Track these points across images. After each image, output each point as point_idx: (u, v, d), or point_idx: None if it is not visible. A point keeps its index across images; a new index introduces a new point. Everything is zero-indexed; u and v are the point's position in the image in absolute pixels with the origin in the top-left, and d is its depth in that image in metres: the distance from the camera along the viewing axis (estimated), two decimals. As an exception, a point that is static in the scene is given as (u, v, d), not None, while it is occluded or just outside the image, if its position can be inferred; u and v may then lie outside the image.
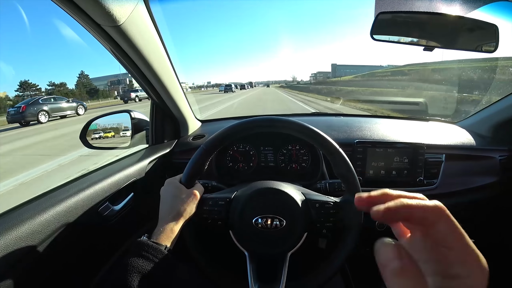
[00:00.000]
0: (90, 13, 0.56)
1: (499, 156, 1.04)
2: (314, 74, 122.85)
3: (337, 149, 0.60)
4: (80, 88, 67.77)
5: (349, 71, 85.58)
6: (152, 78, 0.84)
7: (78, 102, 15.11)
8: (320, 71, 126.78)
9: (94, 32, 0.63)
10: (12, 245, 0.49)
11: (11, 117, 12.08)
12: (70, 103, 14.25)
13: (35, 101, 12.51)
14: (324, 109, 11.50)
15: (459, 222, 0.24)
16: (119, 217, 0.76)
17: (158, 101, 0.96)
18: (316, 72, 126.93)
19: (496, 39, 0.78)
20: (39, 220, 0.54)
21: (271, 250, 0.60)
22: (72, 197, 0.62)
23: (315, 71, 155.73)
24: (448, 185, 0.99)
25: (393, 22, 0.76)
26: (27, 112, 11.74)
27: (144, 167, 0.87)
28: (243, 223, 0.59)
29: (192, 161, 0.61)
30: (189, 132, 1.15)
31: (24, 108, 11.74)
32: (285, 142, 1.00)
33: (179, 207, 0.56)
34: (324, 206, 0.61)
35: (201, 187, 0.63)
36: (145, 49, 0.72)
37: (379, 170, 0.96)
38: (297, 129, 0.61)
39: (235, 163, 1.01)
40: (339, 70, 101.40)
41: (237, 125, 0.61)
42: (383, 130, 1.07)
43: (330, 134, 1.02)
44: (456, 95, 8.10)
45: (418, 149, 0.95)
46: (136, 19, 0.64)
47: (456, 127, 1.21)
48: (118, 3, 0.55)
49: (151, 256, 0.47)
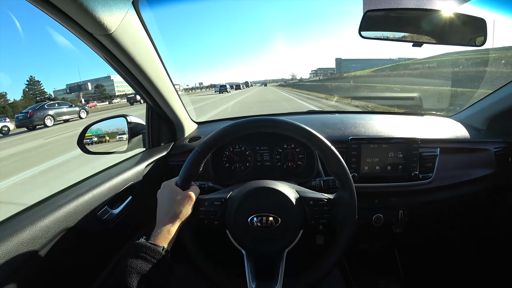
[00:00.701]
0: (81, 23, 0.57)
1: (494, 148, 1.05)
2: (315, 71, 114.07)
3: (328, 146, 0.61)
4: (28, 98, 53.15)
5: (355, 65, 79.74)
6: (146, 83, 0.85)
7: (80, 107, 16.12)
8: (320, 68, 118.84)
9: (87, 41, 0.64)
10: (14, 251, 0.50)
11: (20, 122, 12.75)
12: (72, 107, 15.26)
13: (41, 106, 13.32)
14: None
15: (455, 215, 0.25)
16: (118, 220, 0.77)
17: (153, 105, 0.97)
18: (317, 68, 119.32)
19: (485, 33, 0.79)
20: (39, 226, 0.55)
21: (268, 248, 0.62)
22: (71, 202, 0.64)
23: (315, 68, 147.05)
24: (443, 178, 0.99)
25: (382, 19, 0.77)
26: (35, 116, 12.46)
27: (142, 171, 0.89)
28: (239, 222, 0.61)
29: (187, 163, 0.62)
30: (186, 135, 1.16)
31: (31, 113, 12.44)
32: (280, 141, 1.01)
33: (175, 209, 0.57)
34: (318, 203, 0.62)
35: (197, 188, 0.64)
36: (137, 55, 0.73)
37: (374, 166, 0.97)
38: (288, 128, 0.62)
39: (232, 164, 1.02)
40: (345, 65, 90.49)
41: (228, 127, 0.62)
42: (377, 126, 1.07)
43: (325, 132, 1.03)
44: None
45: (412, 144, 0.95)
46: (127, 26, 0.65)
47: (451, 120, 1.21)
48: (108, 12, 0.56)
49: (149, 257, 0.49)
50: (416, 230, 1.15)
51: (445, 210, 1.12)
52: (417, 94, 4.11)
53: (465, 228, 1.22)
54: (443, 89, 8.51)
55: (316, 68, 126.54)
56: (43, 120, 12.62)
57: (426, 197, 1.03)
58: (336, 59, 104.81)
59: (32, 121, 12.38)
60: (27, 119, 12.35)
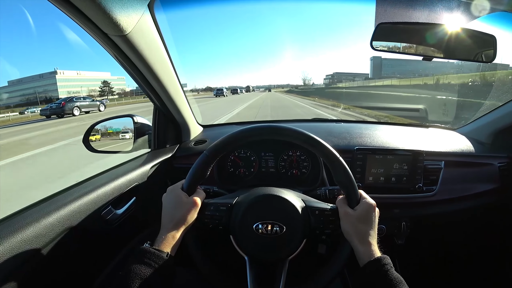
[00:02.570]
0: (98, 23, 0.57)
1: (498, 163, 1.04)
2: (331, 75, 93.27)
3: (337, 157, 0.61)
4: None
5: (396, 69, 61.28)
6: (155, 84, 0.86)
7: (99, 102, 19.42)
8: (337, 72, 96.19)
9: (101, 41, 0.64)
10: (18, 247, 0.50)
11: (51, 110, 16.07)
12: (94, 102, 18.56)
13: (71, 99, 16.81)
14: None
15: (457, 229, 0.25)
16: (121, 220, 0.77)
17: (160, 106, 0.98)
18: (333, 73, 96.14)
19: (495, 49, 0.79)
20: (43, 224, 0.55)
21: (271, 255, 0.61)
22: (75, 201, 0.63)
23: (330, 72, 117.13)
24: (447, 191, 0.99)
25: (393, 32, 0.77)
26: (66, 107, 15.82)
27: (147, 172, 0.88)
28: (243, 229, 0.60)
29: (195, 167, 0.62)
30: (191, 137, 1.16)
31: (63, 104, 15.98)
32: (285, 148, 1.01)
33: (180, 215, 0.57)
34: (324, 213, 0.62)
35: (203, 193, 0.64)
36: (150, 57, 0.74)
37: (378, 177, 0.97)
38: (297, 137, 0.62)
39: (236, 169, 1.02)
40: (387, 67, 67.68)
41: (238, 133, 0.62)
42: (383, 136, 1.07)
43: (330, 141, 1.03)
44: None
45: (417, 156, 0.95)
46: (142, 28, 0.66)
47: (456, 133, 1.21)
48: (125, 13, 0.57)
49: (153, 263, 0.49)
50: (418, 242, 1.14)
51: (447, 224, 1.12)
52: (422, 106, 4.11)
53: (467, 242, 1.21)
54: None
55: (332, 73, 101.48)
56: (72, 110, 15.85)
57: (429, 209, 1.02)
58: (374, 57, 72.69)
59: (63, 110, 15.64)
60: (60, 109, 15.72)
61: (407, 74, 39.74)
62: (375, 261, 0.52)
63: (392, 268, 0.51)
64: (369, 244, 0.55)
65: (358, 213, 0.58)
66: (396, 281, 0.49)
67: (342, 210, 0.60)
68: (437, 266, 1.25)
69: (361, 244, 0.55)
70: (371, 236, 0.57)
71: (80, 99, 17.14)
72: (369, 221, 0.58)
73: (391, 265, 0.52)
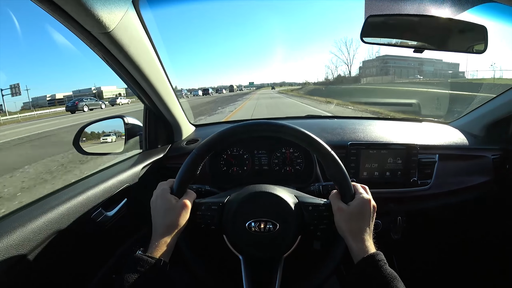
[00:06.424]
0: (80, 21, 0.56)
1: (491, 155, 1.05)
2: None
3: (328, 150, 0.60)
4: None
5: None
6: (144, 84, 0.84)
7: (101, 101, 25.72)
8: (388, 55, 48.27)
9: (85, 39, 0.63)
10: (3, 253, 0.48)
11: (69, 108, 21.74)
12: (97, 101, 24.37)
13: (81, 99, 22.75)
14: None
15: (453, 221, 0.25)
16: (112, 222, 0.75)
17: (150, 105, 0.96)
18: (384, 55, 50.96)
19: (486, 40, 0.79)
20: (30, 228, 0.54)
21: (265, 253, 0.60)
22: (64, 204, 0.62)
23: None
24: (442, 185, 0.99)
25: (383, 25, 0.77)
26: (79, 105, 21.07)
27: (138, 172, 0.87)
28: (236, 228, 0.59)
29: (184, 167, 0.60)
30: (183, 137, 1.15)
31: (77, 103, 21.41)
32: (279, 145, 1.00)
33: (170, 220, 0.55)
34: (317, 208, 0.61)
35: (193, 193, 0.62)
36: (136, 54, 0.72)
37: (373, 172, 0.96)
38: (288, 133, 0.61)
39: (229, 167, 1.01)
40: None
41: (227, 130, 0.61)
42: (376, 131, 1.07)
43: (324, 137, 1.03)
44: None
45: (411, 150, 0.95)
46: (126, 25, 0.64)
47: (449, 127, 1.22)
48: (107, 10, 0.55)
49: (147, 272, 0.47)
50: (414, 236, 1.14)
51: (443, 216, 1.12)
52: (415, 101, 4.14)
53: (463, 235, 1.22)
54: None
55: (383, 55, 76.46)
56: (82, 108, 20.98)
57: (425, 203, 1.02)
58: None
59: (76, 107, 20.89)
60: (74, 106, 21.16)
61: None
62: (369, 257, 0.51)
63: (386, 264, 0.50)
64: (363, 241, 0.54)
65: (352, 209, 0.57)
66: (390, 277, 0.48)
67: (336, 205, 0.58)
68: (433, 259, 1.26)
69: (355, 241, 0.54)
70: (366, 233, 0.55)
71: (87, 99, 23.18)
72: (363, 217, 0.57)
73: (384, 261, 0.51)
